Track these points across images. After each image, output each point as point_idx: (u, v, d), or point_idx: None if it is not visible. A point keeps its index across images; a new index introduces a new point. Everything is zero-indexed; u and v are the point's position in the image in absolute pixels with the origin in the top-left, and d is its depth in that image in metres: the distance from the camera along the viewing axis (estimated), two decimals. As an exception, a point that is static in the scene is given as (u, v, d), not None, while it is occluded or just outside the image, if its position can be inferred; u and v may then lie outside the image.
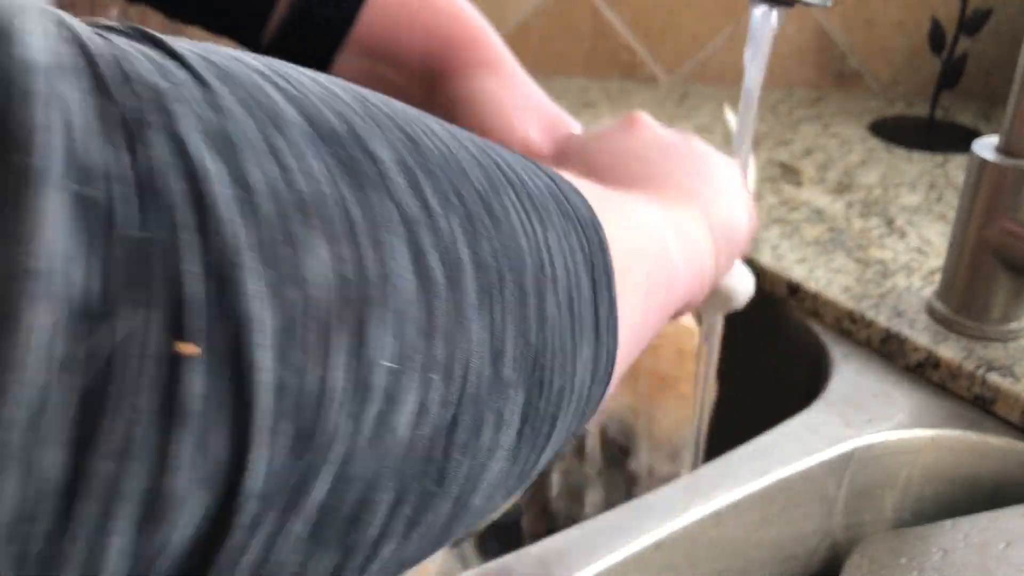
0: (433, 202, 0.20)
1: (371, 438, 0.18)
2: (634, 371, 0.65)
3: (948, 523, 0.58)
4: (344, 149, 0.19)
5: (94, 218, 0.15)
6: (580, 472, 0.94)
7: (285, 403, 0.17)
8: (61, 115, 0.15)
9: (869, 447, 0.63)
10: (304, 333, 0.17)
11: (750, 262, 0.81)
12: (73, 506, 0.15)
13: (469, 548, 0.84)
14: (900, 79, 1.24)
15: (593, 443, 0.72)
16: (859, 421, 0.64)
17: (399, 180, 0.20)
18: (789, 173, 1.00)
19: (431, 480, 0.20)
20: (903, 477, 0.65)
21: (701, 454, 0.68)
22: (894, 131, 1.12)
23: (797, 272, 0.79)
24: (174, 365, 0.15)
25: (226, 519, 0.17)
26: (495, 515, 0.61)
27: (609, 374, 0.28)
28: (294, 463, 0.17)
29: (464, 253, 0.21)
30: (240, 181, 0.17)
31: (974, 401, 0.66)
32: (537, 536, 0.80)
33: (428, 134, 0.22)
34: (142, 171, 0.15)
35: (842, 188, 0.96)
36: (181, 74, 0.17)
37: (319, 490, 0.18)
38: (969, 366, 0.66)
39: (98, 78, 0.16)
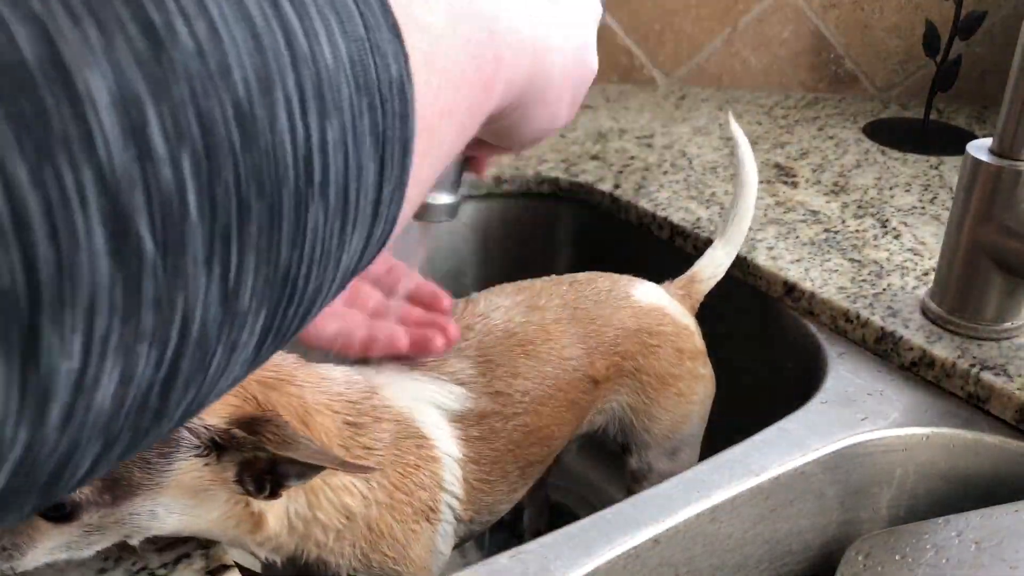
0: (158, 142, 0.17)
1: (58, 426, 0.17)
2: (635, 370, 0.66)
3: (942, 520, 0.59)
4: (34, 94, 0.15)
5: None
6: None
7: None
8: None
9: (864, 445, 0.64)
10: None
11: (747, 262, 0.82)
12: None
13: (470, 545, 0.84)
14: (895, 82, 1.25)
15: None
16: (854, 419, 0.65)
17: (109, 124, 0.16)
18: (785, 174, 1.01)
19: (147, 420, 0.19)
20: (898, 475, 0.65)
21: None
22: (889, 133, 1.12)
23: (793, 272, 0.79)
24: None
25: None
26: (497, 518, 0.62)
27: (386, 238, 0.26)
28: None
29: (191, 201, 0.18)
30: None
31: (968, 400, 0.67)
32: (537, 532, 0.81)
33: (188, 18, 0.18)
34: None
35: (837, 189, 0.96)
36: None
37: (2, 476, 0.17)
38: (963, 365, 0.67)
39: None
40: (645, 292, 0.68)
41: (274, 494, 0.45)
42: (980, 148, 0.67)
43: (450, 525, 0.56)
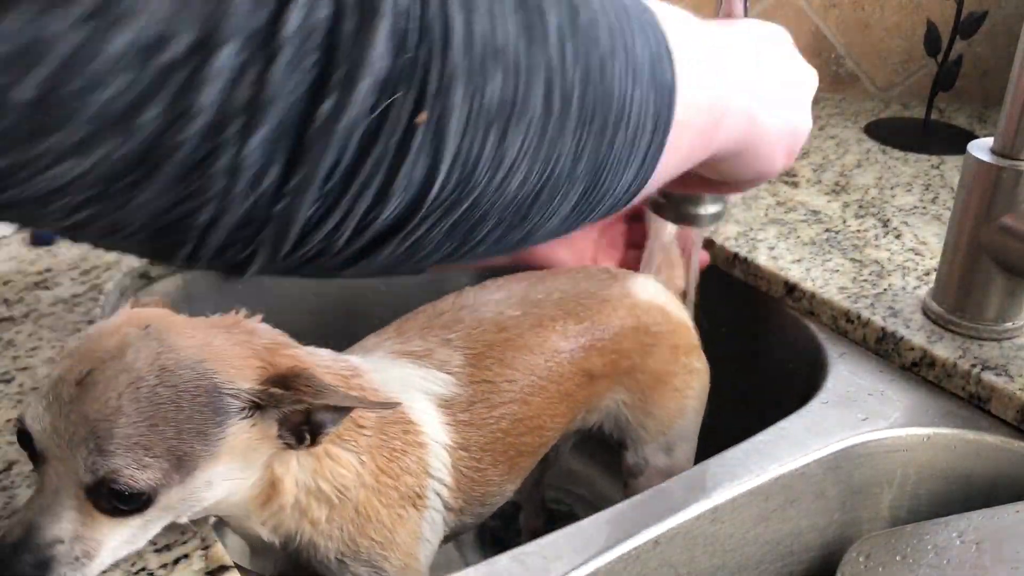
0: (569, 58, 0.32)
1: (496, 188, 0.31)
2: (631, 369, 0.66)
3: (943, 521, 0.59)
4: (528, 15, 0.30)
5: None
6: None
7: (459, 158, 0.29)
8: None
9: (865, 445, 0.64)
10: (475, 125, 0.29)
11: (748, 262, 0.82)
12: None
13: (469, 545, 0.84)
14: (896, 81, 1.25)
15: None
16: (855, 419, 0.65)
17: (554, 39, 0.31)
18: (786, 174, 1.00)
19: (517, 220, 0.34)
20: (899, 475, 0.65)
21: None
22: (890, 133, 1.12)
23: (794, 272, 0.79)
24: (413, 126, 0.28)
25: (415, 211, 0.30)
26: (493, 509, 0.62)
27: (638, 191, 0.40)
28: (453, 193, 0.30)
29: (576, 95, 0.32)
30: (469, 29, 0.28)
31: (969, 400, 0.67)
32: (535, 533, 0.81)
33: (587, 3, 0.33)
34: (425, 16, 0.27)
35: (838, 189, 0.96)
36: None
37: (460, 210, 0.31)
38: (964, 365, 0.67)
39: None
40: (643, 288, 0.68)
41: (315, 442, 0.47)
42: (981, 148, 0.67)
43: (438, 513, 0.56)
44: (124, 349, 0.43)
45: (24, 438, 0.44)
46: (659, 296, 0.68)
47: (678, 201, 0.63)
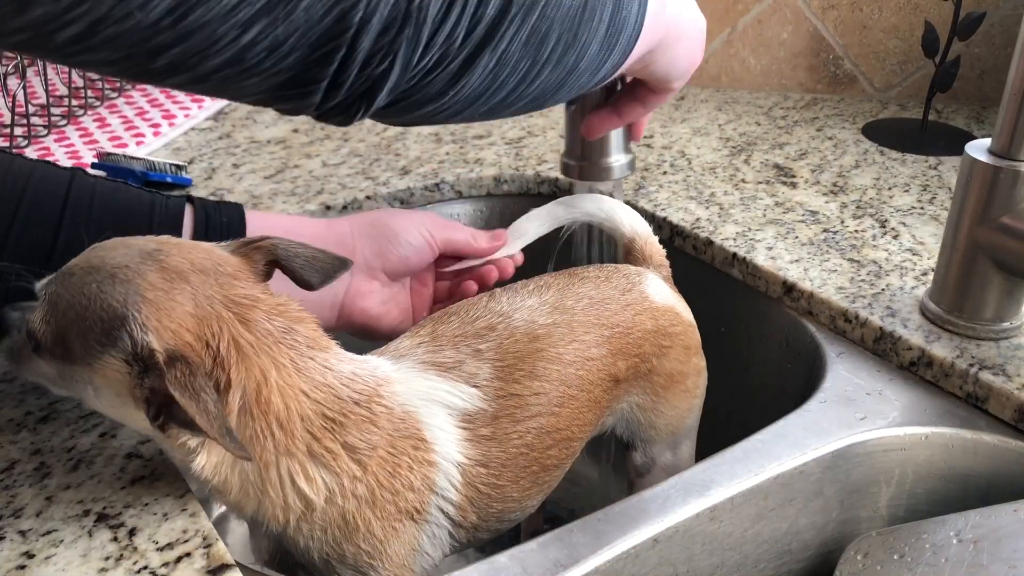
0: None
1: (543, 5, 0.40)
2: (648, 371, 0.66)
3: (941, 519, 0.59)
4: None
5: None
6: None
7: None
8: None
9: (863, 444, 0.64)
10: None
11: (747, 262, 0.82)
12: None
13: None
14: (894, 82, 1.25)
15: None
16: (853, 419, 0.65)
17: None
18: (784, 175, 1.01)
19: (572, 34, 0.41)
20: (896, 474, 0.66)
21: None
22: (888, 133, 1.13)
23: (792, 272, 0.80)
24: None
25: (507, 9, 0.38)
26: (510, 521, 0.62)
27: (641, 27, 0.51)
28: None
29: None
30: None
31: (966, 399, 0.67)
32: (535, 532, 0.81)
33: None
34: None
35: (836, 190, 0.97)
36: None
37: (535, 15, 0.39)
38: (961, 365, 0.67)
39: None
40: (656, 290, 0.68)
41: (162, 427, 0.47)
42: (979, 148, 0.68)
43: (442, 529, 0.56)
44: (122, 248, 0.48)
45: None
46: (670, 297, 0.69)
47: (589, 157, 0.76)
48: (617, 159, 0.76)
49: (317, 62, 0.33)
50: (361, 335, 0.73)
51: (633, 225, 0.74)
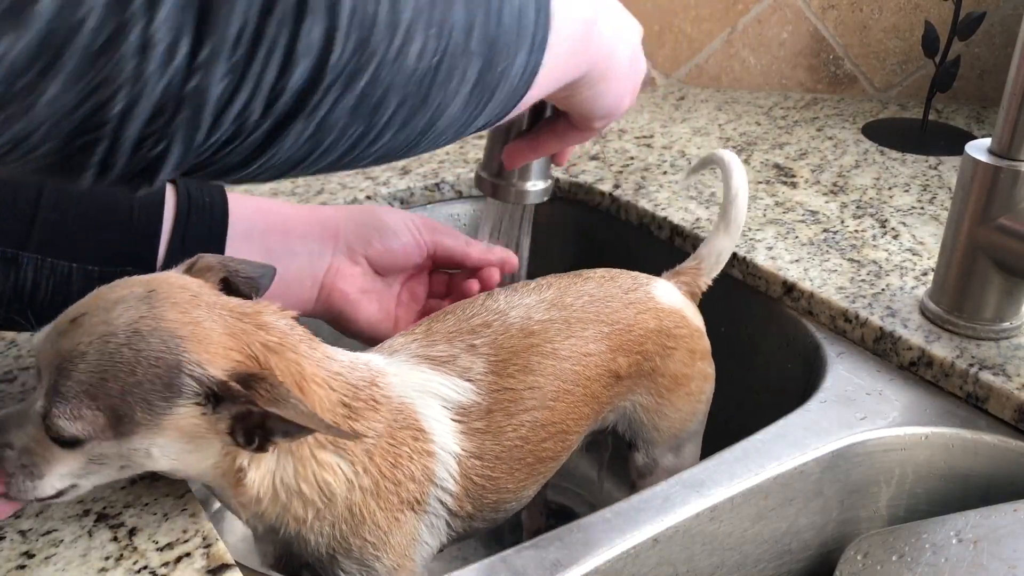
0: None
1: (393, 59, 0.32)
2: (652, 371, 0.66)
3: (941, 519, 0.59)
4: None
5: None
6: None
7: (355, 18, 0.30)
8: None
9: (863, 444, 0.64)
10: None
11: (747, 262, 0.82)
12: None
13: (470, 543, 0.84)
14: (894, 82, 1.25)
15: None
16: (853, 419, 0.65)
17: None
18: (784, 175, 1.01)
19: (419, 98, 0.35)
20: (896, 474, 0.66)
21: None
22: (888, 133, 1.13)
23: (792, 272, 0.80)
24: None
25: (319, 79, 0.30)
26: (505, 516, 0.62)
27: (532, 78, 0.43)
28: (353, 58, 0.31)
29: None
30: None
31: (966, 399, 0.67)
32: (536, 532, 0.81)
33: None
34: None
35: (836, 190, 0.97)
36: None
37: (362, 81, 0.32)
38: (961, 365, 0.67)
39: None
40: (664, 292, 0.68)
41: (262, 448, 0.47)
42: (979, 148, 0.68)
43: (439, 519, 0.56)
44: (117, 304, 0.45)
45: None
46: (678, 301, 0.69)
47: (512, 179, 0.72)
48: (535, 184, 0.72)
49: (79, 150, 0.28)
50: (339, 325, 0.72)
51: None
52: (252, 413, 0.45)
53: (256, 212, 0.64)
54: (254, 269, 0.54)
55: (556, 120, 0.65)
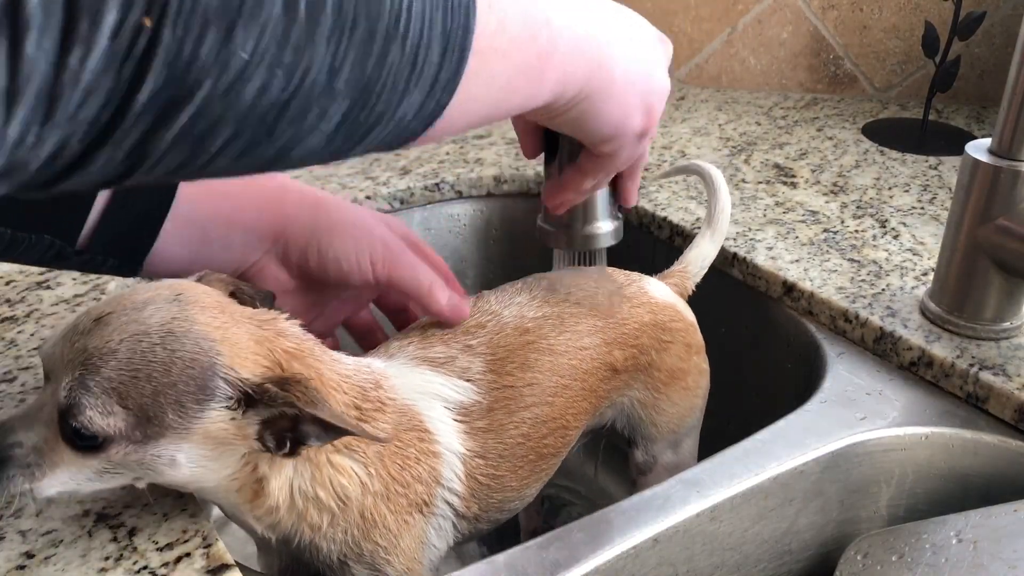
0: None
1: (222, 96, 0.29)
2: (648, 365, 0.66)
3: (941, 519, 0.59)
4: None
5: None
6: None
7: (169, 59, 0.27)
8: None
9: (863, 444, 0.64)
10: (187, 24, 0.27)
11: (747, 262, 0.82)
12: None
13: (470, 544, 0.84)
14: (894, 82, 1.25)
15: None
16: (853, 419, 0.65)
17: None
18: (784, 175, 1.01)
19: (262, 133, 0.32)
20: (896, 474, 0.66)
21: None
22: (888, 133, 1.13)
23: (792, 272, 0.80)
24: (139, 30, 0.26)
25: (123, 112, 0.28)
26: (504, 516, 0.62)
27: (432, 119, 0.38)
28: (171, 90, 0.28)
29: (329, 2, 0.30)
30: None
31: (967, 399, 0.67)
32: (535, 532, 0.81)
33: None
34: None
35: (836, 190, 0.97)
36: None
37: (186, 114, 0.29)
38: (962, 365, 0.67)
39: None
40: (657, 288, 0.69)
41: (294, 452, 0.46)
42: (979, 148, 0.68)
43: (446, 520, 0.56)
44: (147, 304, 0.45)
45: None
46: (670, 296, 0.69)
47: (567, 224, 0.63)
48: (597, 227, 0.64)
49: None
50: None
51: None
52: (283, 417, 0.45)
53: (207, 196, 0.60)
54: (255, 292, 0.53)
55: (577, 149, 0.57)
